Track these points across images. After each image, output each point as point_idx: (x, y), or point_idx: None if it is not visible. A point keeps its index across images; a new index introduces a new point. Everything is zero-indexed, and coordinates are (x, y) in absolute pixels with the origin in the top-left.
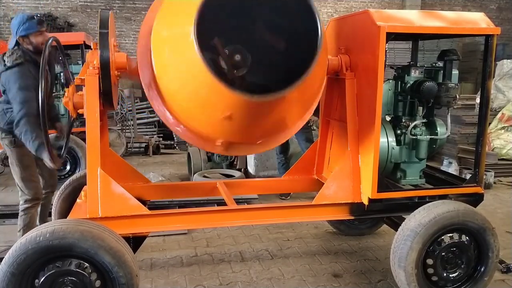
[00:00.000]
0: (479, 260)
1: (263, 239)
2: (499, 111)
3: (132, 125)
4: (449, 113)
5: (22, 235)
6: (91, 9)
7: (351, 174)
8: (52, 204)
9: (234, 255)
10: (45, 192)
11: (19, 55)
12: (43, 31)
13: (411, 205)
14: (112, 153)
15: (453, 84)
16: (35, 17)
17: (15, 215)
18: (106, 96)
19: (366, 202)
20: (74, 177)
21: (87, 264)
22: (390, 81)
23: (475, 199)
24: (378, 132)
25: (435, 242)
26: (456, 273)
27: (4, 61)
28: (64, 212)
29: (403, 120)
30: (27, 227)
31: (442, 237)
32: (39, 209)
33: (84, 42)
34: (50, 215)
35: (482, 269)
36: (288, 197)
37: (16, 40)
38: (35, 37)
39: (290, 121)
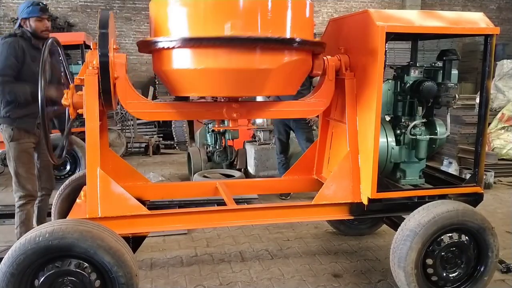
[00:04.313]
0: (479, 260)
1: (263, 239)
2: (499, 111)
3: (132, 125)
4: (449, 113)
5: (20, 232)
6: (91, 9)
7: (351, 174)
8: (48, 206)
9: (234, 255)
10: (40, 194)
11: (17, 32)
12: (44, 18)
13: (411, 205)
14: (112, 153)
15: (453, 84)
16: (40, 4)
17: (15, 215)
18: (106, 96)
19: (365, 202)
20: (73, 177)
21: (86, 264)
22: (390, 81)
23: (474, 199)
24: (378, 132)
25: (435, 242)
26: (456, 273)
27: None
28: (64, 212)
29: (403, 120)
30: (24, 224)
31: (442, 237)
32: (36, 209)
33: (84, 42)
34: (48, 216)
35: (482, 269)
36: (288, 197)
37: (19, 22)
38: (35, 21)
39: None
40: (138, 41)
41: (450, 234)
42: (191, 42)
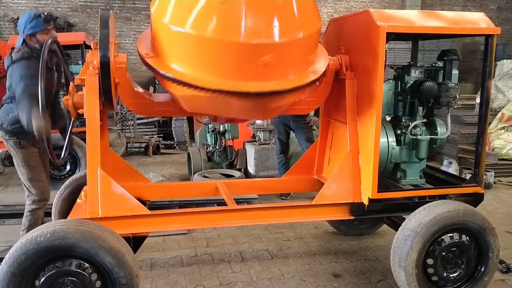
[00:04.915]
0: (479, 260)
1: (263, 239)
2: (499, 111)
3: (132, 125)
4: (449, 113)
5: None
6: (91, 9)
7: (351, 174)
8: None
9: (234, 255)
10: None
11: (26, 51)
12: (50, 29)
13: (411, 205)
14: (112, 153)
15: (453, 84)
16: (42, 15)
17: (15, 215)
18: (106, 96)
19: (366, 202)
20: (74, 177)
21: (87, 265)
22: (390, 81)
23: (475, 199)
24: (378, 132)
25: (435, 242)
26: (456, 273)
27: (12, 57)
28: (64, 212)
29: (403, 120)
30: (31, 227)
31: (442, 237)
32: None
33: (84, 42)
34: (47, 216)
35: (482, 269)
36: (288, 197)
37: (24, 38)
38: (42, 35)
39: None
40: (140, 56)
41: (451, 234)
42: (191, 88)
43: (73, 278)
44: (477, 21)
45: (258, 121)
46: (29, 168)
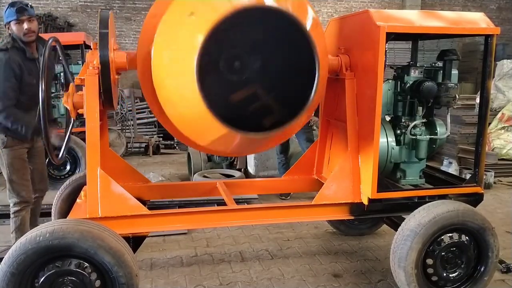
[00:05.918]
0: (479, 260)
1: (263, 239)
2: (499, 111)
3: (132, 125)
4: (449, 113)
5: (15, 237)
6: (91, 9)
7: (351, 174)
8: (41, 208)
9: (234, 255)
10: (34, 196)
11: (8, 41)
12: (24, 19)
13: (411, 205)
14: (112, 153)
15: (453, 84)
16: (17, 4)
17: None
18: (106, 96)
19: (366, 202)
20: (74, 177)
21: (87, 264)
22: (390, 81)
23: (475, 199)
24: (378, 132)
25: (435, 242)
26: (456, 273)
27: None
28: (64, 212)
29: (403, 120)
30: (19, 229)
31: (442, 237)
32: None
33: (84, 42)
34: (48, 216)
35: (482, 269)
36: (288, 197)
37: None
38: (15, 25)
39: (287, 136)
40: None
41: (451, 234)
42: None
43: (73, 278)
44: (477, 21)
45: None
46: (12, 170)
